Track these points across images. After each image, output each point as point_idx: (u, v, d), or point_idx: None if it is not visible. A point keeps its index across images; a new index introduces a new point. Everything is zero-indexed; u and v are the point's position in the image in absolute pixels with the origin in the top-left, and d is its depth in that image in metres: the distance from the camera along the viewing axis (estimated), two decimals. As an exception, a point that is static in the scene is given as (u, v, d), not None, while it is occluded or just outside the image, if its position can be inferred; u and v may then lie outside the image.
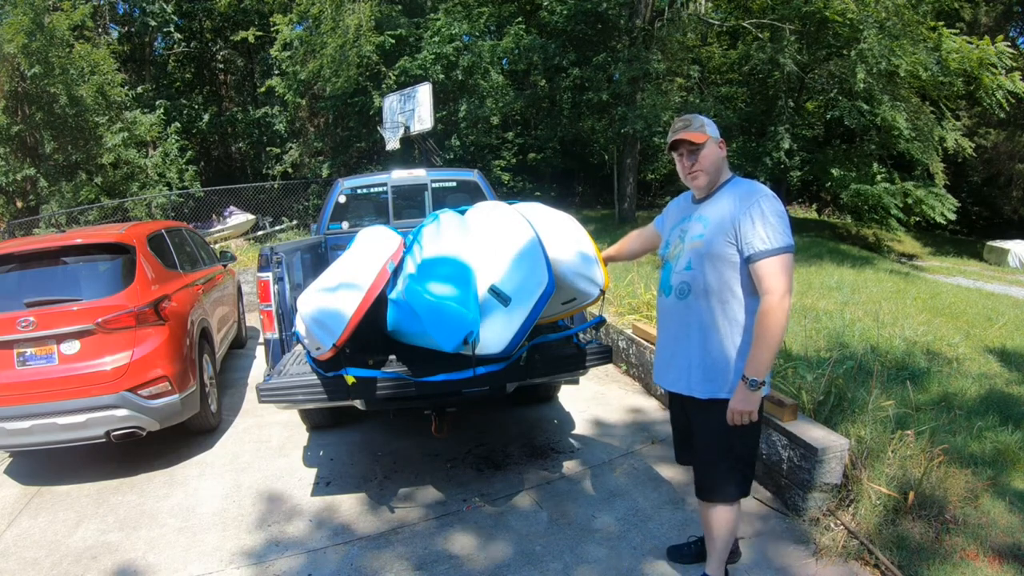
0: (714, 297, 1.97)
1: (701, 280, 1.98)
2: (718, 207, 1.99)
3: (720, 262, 1.94)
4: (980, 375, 4.35)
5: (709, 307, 1.98)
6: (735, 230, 1.91)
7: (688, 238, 2.04)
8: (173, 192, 13.05)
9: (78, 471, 3.61)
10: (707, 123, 2.02)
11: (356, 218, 4.95)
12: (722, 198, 2.00)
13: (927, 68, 11.80)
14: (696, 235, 2.01)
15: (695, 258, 2.00)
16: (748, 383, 1.89)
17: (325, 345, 2.45)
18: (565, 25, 13.33)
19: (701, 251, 1.98)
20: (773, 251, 1.86)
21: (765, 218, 1.88)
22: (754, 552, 2.56)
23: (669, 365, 2.14)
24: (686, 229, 2.07)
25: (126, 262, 3.67)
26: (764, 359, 1.86)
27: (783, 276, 1.85)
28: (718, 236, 1.94)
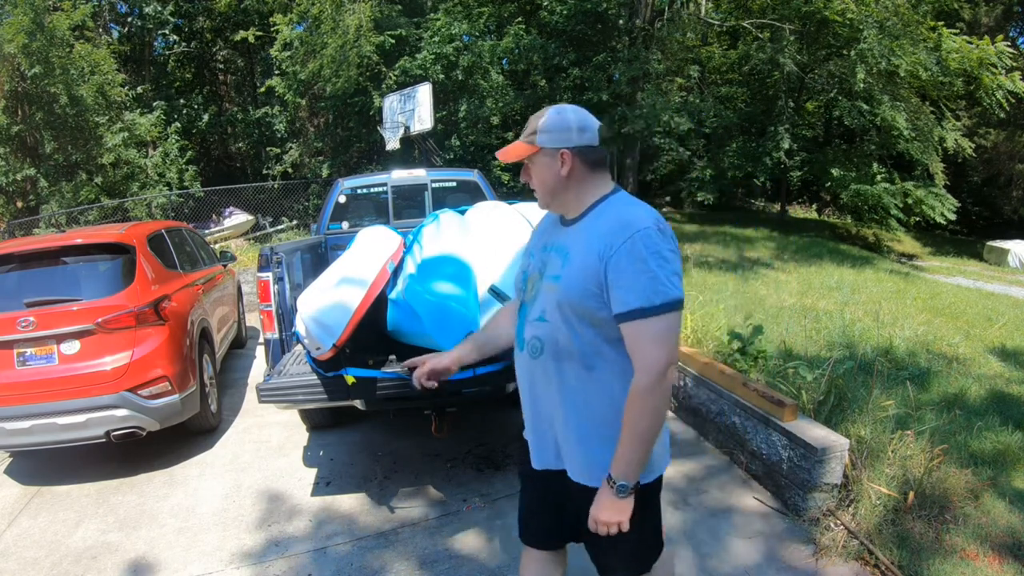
0: (578, 362, 1.41)
1: (557, 337, 1.42)
2: (585, 238, 1.40)
3: (582, 316, 1.38)
4: (980, 375, 4.35)
5: (574, 373, 1.43)
6: (600, 276, 1.34)
7: (546, 275, 1.46)
8: (173, 192, 13.05)
9: (78, 471, 3.60)
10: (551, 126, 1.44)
11: (356, 218, 4.95)
12: (591, 226, 1.42)
13: (927, 68, 11.81)
14: (552, 275, 1.43)
15: (550, 306, 1.42)
16: (615, 488, 1.36)
17: (325, 345, 2.45)
18: (565, 25, 13.33)
19: (558, 299, 1.40)
20: (646, 310, 1.30)
21: (642, 262, 1.30)
22: (754, 552, 2.56)
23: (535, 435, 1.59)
24: (546, 261, 1.48)
25: (126, 262, 3.67)
26: (632, 457, 1.35)
27: (661, 347, 1.31)
28: (580, 282, 1.37)
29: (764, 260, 10.11)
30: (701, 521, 2.80)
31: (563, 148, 1.42)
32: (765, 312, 5.70)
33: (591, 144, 1.45)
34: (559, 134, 1.43)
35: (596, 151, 1.47)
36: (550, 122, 1.44)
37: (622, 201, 1.45)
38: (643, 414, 1.33)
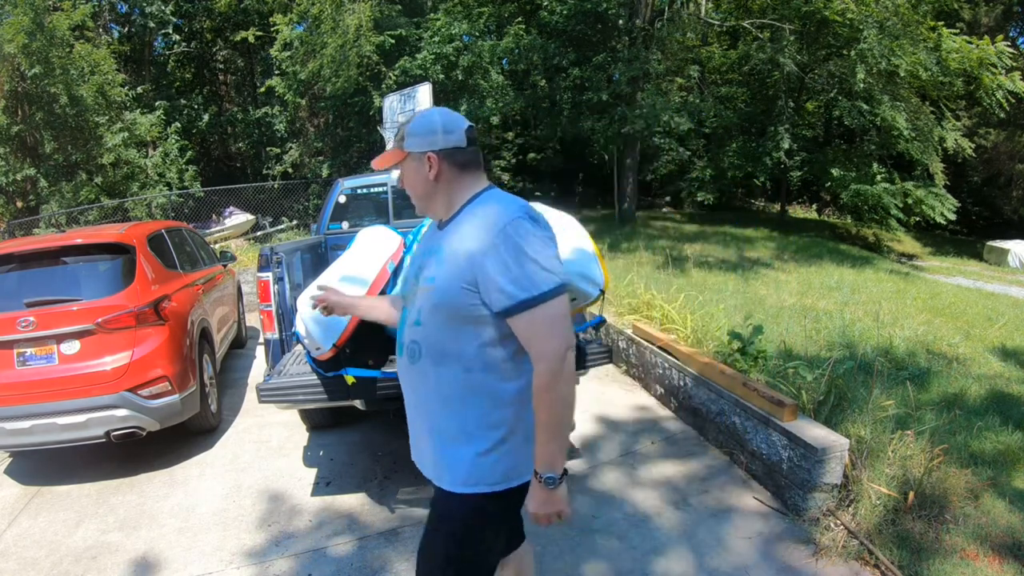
0: (456, 365, 1.39)
1: (435, 340, 1.41)
2: (456, 238, 1.40)
3: (460, 317, 1.37)
4: (980, 375, 4.35)
5: (451, 377, 1.41)
6: (474, 273, 1.33)
7: (421, 279, 1.45)
8: (173, 192, 13.05)
9: (78, 471, 3.60)
10: (416, 129, 1.44)
11: (356, 218, 4.94)
12: (460, 226, 1.41)
13: (927, 68, 11.81)
14: (428, 277, 1.42)
15: (426, 310, 1.41)
16: (543, 481, 1.37)
17: (325, 345, 2.45)
18: (565, 25, 13.33)
19: (434, 301, 1.39)
20: (532, 300, 1.30)
21: (517, 252, 1.30)
22: (754, 552, 2.56)
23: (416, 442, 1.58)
24: (423, 265, 1.47)
25: (126, 262, 3.67)
26: (552, 448, 1.36)
27: (555, 334, 1.31)
28: (454, 281, 1.35)
29: (764, 260, 10.11)
30: (701, 521, 2.80)
31: (429, 151, 1.43)
32: (765, 312, 5.70)
33: (458, 145, 1.44)
34: (424, 137, 1.43)
35: (464, 152, 1.46)
36: (415, 126, 1.45)
37: (492, 197, 1.44)
38: (552, 404, 1.33)
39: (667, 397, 4.13)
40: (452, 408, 1.43)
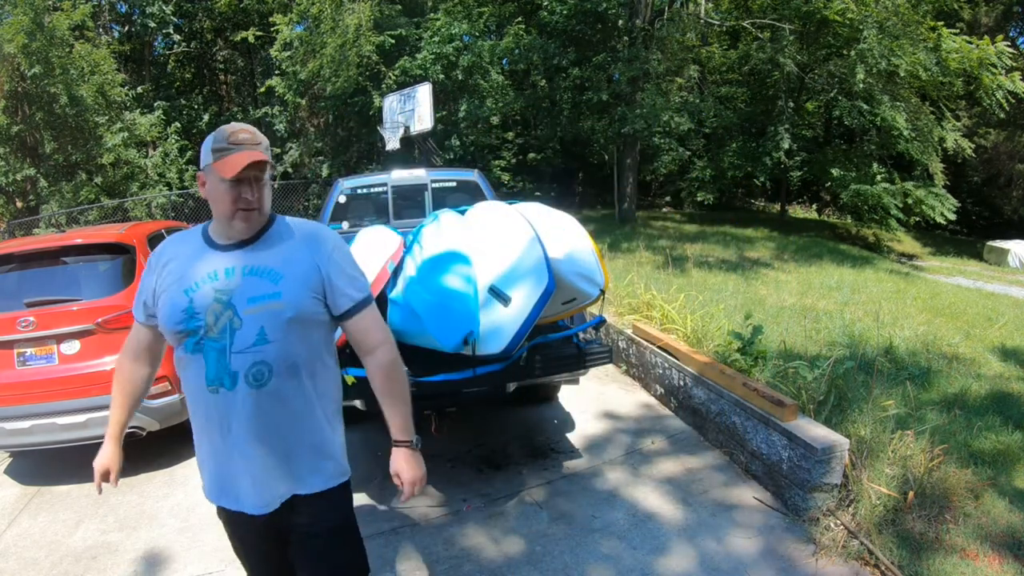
0: (304, 372, 1.48)
1: (288, 354, 1.45)
2: (285, 253, 1.47)
3: (311, 324, 1.48)
4: (980, 375, 4.35)
5: (301, 387, 1.48)
6: (322, 282, 1.47)
7: (245, 300, 1.42)
8: (173, 192, 13.06)
9: (78, 471, 3.60)
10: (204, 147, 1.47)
11: (356, 218, 4.94)
12: (283, 241, 1.49)
13: (927, 68, 11.81)
14: (265, 295, 1.43)
15: (272, 326, 1.42)
16: (411, 445, 1.60)
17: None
18: (565, 25, 13.34)
19: (287, 315, 1.43)
20: (368, 299, 1.55)
21: (349, 259, 1.55)
22: (754, 552, 2.56)
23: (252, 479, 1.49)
24: (228, 289, 1.42)
25: (126, 262, 3.67)
26: (409, 415, 1.61)
27: (384, 324, 1.58)
28: (306, 291, 1.45)
29: (764, 260, 10.11)
30: (701, 521, 2.80)
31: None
32: (765, 312, 5.70)
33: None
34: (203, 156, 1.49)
35: None
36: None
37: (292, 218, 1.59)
38: (401, 377, 1.59)
39: (667, 397, 4.13)
40: (310, 417, 1.51)
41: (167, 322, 1.45)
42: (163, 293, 1.47)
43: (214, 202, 1.44)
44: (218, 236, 1.49)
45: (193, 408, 1.51)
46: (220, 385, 1.43)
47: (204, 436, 1.51)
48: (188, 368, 1.48)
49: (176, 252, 1.50)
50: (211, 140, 1.45)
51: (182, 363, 1.49)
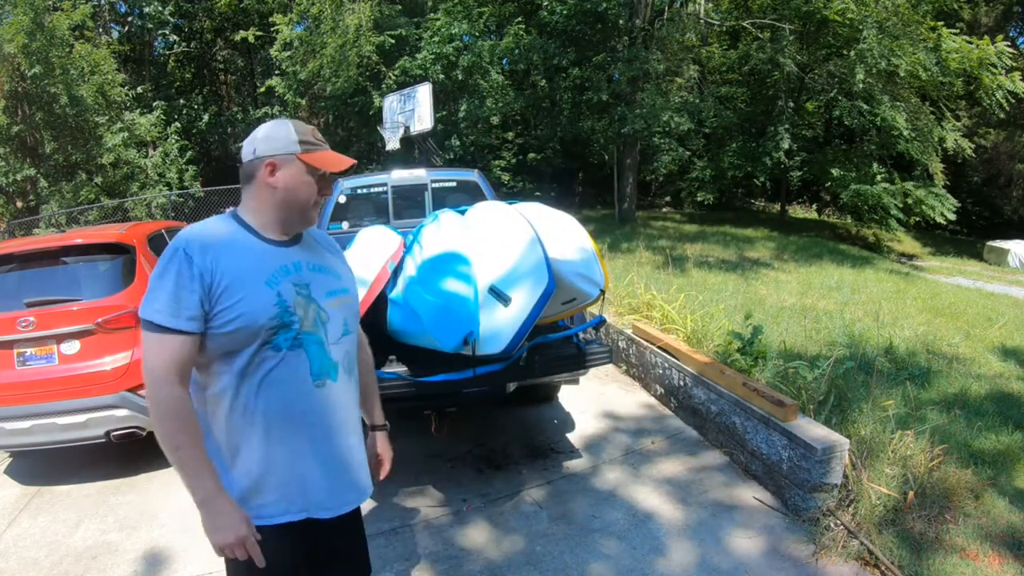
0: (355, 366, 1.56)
1: (355, 345, 1.54)
2: (325, 253, 1.52)
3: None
4: (980, 375, 4.35)
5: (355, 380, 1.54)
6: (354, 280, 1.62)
7: (324, 294, 1.43)
8: (173, 192, 13.06)
9: (78, 471, 3.60)
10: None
11: (356, 218, 4.94)
12: (316, 243, 1.53)
13: (927, 68, 11.82)
14: (338, 289, 1.47)
15: (351, 317, 1.50)
16: (386, 429, 1.77)
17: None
18: (565, 25, 13.34)
19: (354, 307, 1.53)
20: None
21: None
22: (754, 552, 2.56)
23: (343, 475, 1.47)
24: (305, 283, 1.40)
25: (126, 262, 3.67)
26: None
27: None
28: (355, 288, 1.59)
29: (764, 260, 10.11)
30: (701, 520, 2.80)
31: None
32: (765, 312, 5.70)
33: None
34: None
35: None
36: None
37: None
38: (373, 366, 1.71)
39: (667, 397, 4.13)
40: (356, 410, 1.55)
41: (258, 317, 1.30)
42: (231, 290, 1.29)
43: (290, 192, 1.37)
44: (267, 231, 1.40)
45: (281, 408, 1.35)
46: (327, 378, 1.40)
47: (290, 439, 1.37)
48: (282, 366, 1.34)
49: (224, 244, 1.33)
50: (289, 130, 1.40)
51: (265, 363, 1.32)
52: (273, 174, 1.37)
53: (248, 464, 1.35)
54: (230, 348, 1.30)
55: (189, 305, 1.26)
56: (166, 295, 1.25)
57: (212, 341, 1.30)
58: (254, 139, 1.41)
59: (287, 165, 1.37)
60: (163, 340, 1.25)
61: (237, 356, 1.31)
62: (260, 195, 1.39)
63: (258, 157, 1.38)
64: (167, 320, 1.24)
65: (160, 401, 1.26)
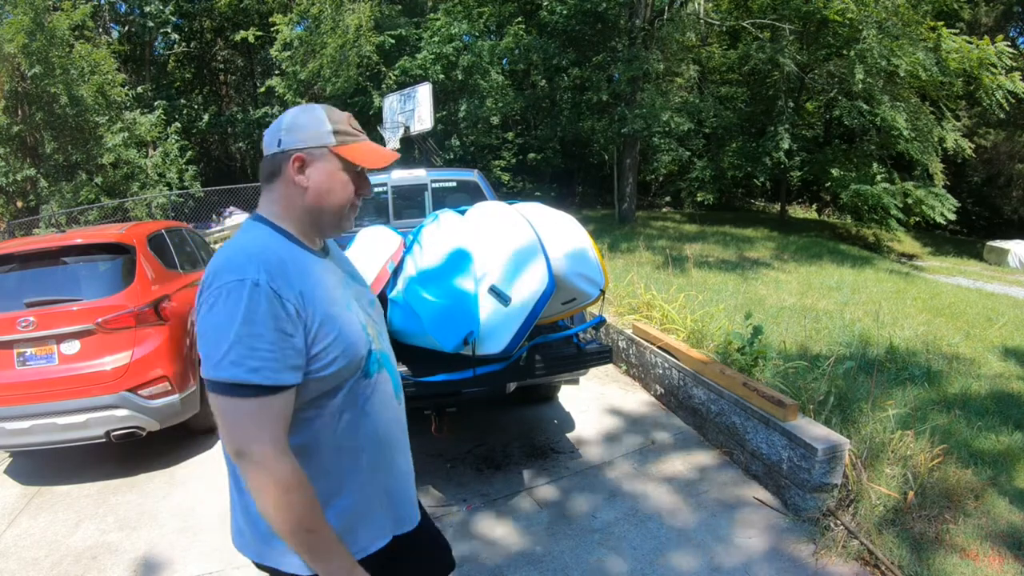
0: None
1: None
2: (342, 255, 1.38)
3: None
4: (980, 375, 4.35)
5: None
6: None
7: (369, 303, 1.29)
8: (173, 192, 13.06)
9: (78, 471, 3.60)
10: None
11: (356, 218, 4.94)
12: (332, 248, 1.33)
13: (927, 68, 11.83)
14: (373, 299, 1.33)
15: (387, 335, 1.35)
16: None
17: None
18: (565, 25, 13.35)
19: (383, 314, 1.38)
20: None
21: None
22: (754, 552, 2.56)
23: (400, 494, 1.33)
24: (358, 297, 1.26)
25: (126, 262, 3.67)
26: None
27: None
28: None
29: (764, 260, 10.11)
30: (701, 521, 2.80)
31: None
32: (765, 312, 5.70)
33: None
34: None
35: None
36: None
37: None
38: None
39: (667, 397, 4.13)
40: None
41: (358, 348, 1.14)
42: (326, 323, 1.08)
43: (322, 193, 1.16)
44: (306, 239, 1.19)
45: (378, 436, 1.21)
46: (400, 390, 1.29)
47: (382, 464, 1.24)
48: (375, 394, 1.19)
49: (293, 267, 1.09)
50: (321, 118, 1.16)
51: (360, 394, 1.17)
52: (302, 171, 1.14)
53: (343, 504, 1.16)
54: (327, 389, 1.11)
55: (292, 353, 1.03)
56: (267, 345, 0.99)
57: (310, 387, 1.08)
58: (278, 128, 1.16)
59: (319, 160, 1.14)
60: (266, 404, 1.00)
61: (334, 396, 1.12)
62: (287, 196, 1.16)
63: (283, 150, 1.14)
64: (271, 378, 1.00)
65: (282, 482, 1.00)
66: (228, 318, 0.99)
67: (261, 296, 1.00)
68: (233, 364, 0.98)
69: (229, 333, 0.98)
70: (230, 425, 1.01)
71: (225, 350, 0.98)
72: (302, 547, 1.05)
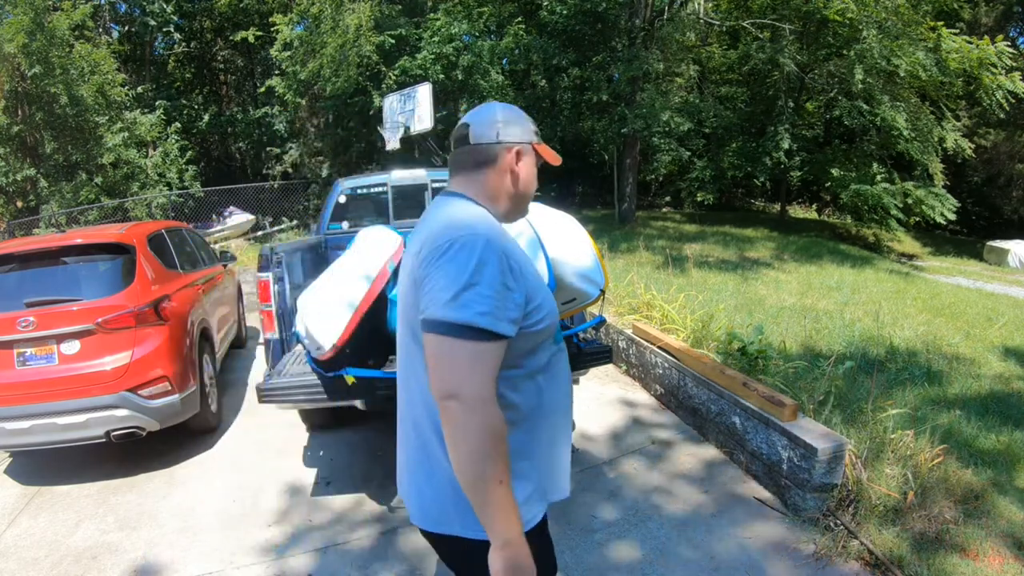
0: None
1: None
2: None
3: None
4: (980, 375, 4.35)
5: None
6: None
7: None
8: (173, 192, 13.06)
9: (78, 471, 3.60)
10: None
11: (356, 218, 4.94)
12: None
13: (927, 68, 11.82)
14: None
15: None
16: None
17: (325, 345, 2.45)
18: (565, 25, 13.34)
19: None
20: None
21: None
22: (754, 552, 2.56)
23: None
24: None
25: (126, 262, 3.67)
26: None
27: None
28: None
29: (764, 260, 10.11)
30: (701, 521, 2.80)
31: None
32: (765, 312, 5.70)
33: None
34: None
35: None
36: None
37: None
38: None
39: (667, 397, 4.13)
40: None
41: (555, 314, 1.26)
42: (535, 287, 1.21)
43: (524, 182, 1.32)
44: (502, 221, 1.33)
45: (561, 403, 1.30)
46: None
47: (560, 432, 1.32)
48: (559, 359, 1.30)
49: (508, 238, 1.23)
50: (524, 117, 1.33)
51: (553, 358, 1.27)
52: (517, 162, 1.29)
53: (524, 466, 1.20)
54: (531, 347, 1.19)
55: (512, 307, 1.11)
56: (493, 294, 1.07)
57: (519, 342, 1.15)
58: (493, 121, 1.29)
59: (527, 154, 1.31)
60: (482, 350, 1.06)
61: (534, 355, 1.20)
62: (499, 183, 1.29)
63: (502, 142, 1.28)
64: (494, 324, 1.06)
65: (483, 427, 1.04)
66: (462, 266, 1.07)
67: (492, 252, 1.10)
68: (462, 307, 1.05)
69: (460, 280, 1.06)
70: (447, 366, 1.06)
71: (455, 293, 1.06)
72: (487, 500, 1.05)
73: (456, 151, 1.32)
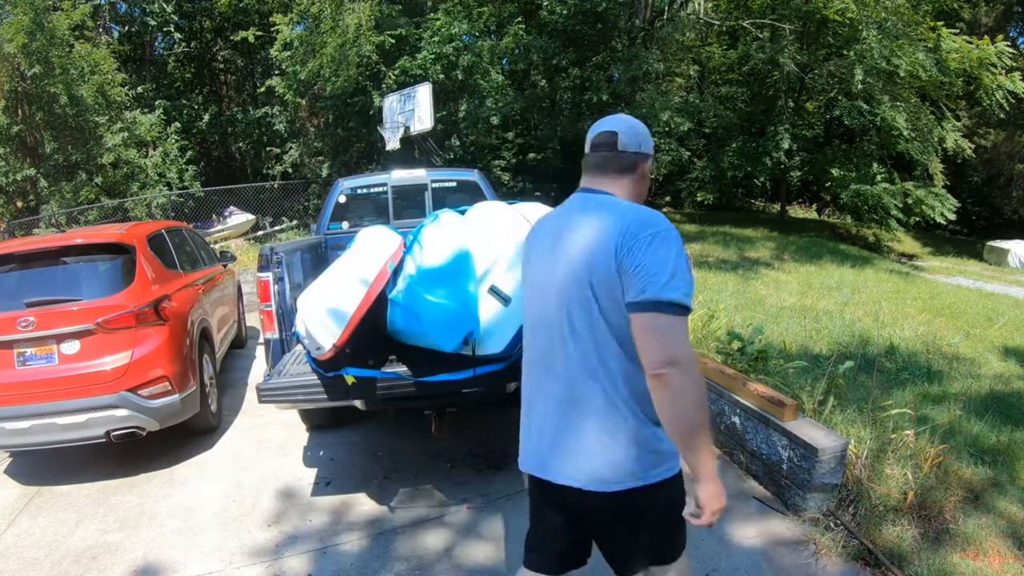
0: None
1: None
2: None
3: None
4: (980, 374, 4.35)
5: None
6: None
7: None
8: (173, 192, 13.05)
9: (78, 471, 3.60)
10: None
11: (356, 218, 4.94)
12: None
13: (927, 68, 11.82)
14: None
15: None
16: None
17: (325, 345, 2.45)
18: (565, 25, 13.33)
19: None
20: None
21: None
22: (754, 552, 2.56)
23: None
24: None
25: (126, 262, 3.67)
26: None
27: None
28: None
29: (764, 260, 10.11)
30: (701, 521, 2.80)
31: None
32: (765, 312, 5.70)
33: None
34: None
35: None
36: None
37: None
38: None
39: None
40: None
41: None
42: None
43: (645, 188, 1.51)
44: None
45: None
46: None
47: None
48: None
49: None
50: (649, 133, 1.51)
51: None
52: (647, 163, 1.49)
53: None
54: None
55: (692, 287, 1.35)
56: (689, 277, 1.30)
57: None
58: (635, 132, 1.47)
59: (649, 163, 1.51)
60: (685, 322, 1.28)
61: None
62: (638, 188, 1.48)
63: (643, 152, 1.47)
64: (690, 301, 1.29)
65: (698, 384, 1.27)
66: (672, 254, 1.27)
67: (680, 243, 1.31)
68: (675, 289, 1.25)
69: (671, 266, 1.26)
70: (668, 338, 1.24)
71: (670, 276, 1.25)
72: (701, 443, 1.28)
73: (602, 154, 1.47)
